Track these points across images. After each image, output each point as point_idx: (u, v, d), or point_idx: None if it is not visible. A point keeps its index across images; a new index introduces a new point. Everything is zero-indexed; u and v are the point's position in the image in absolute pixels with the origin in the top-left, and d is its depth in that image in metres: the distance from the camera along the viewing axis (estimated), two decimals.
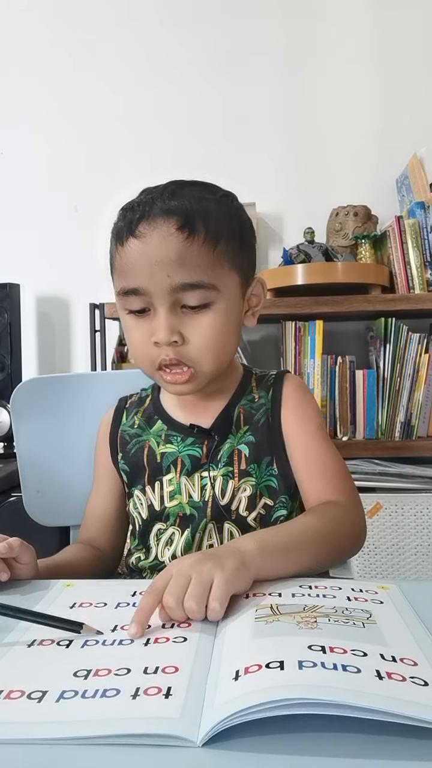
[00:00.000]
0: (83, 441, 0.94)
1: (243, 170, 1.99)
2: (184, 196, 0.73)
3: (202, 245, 0.72)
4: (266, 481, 0.81)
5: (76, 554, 0.83)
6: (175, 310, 0.73)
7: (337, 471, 0.79)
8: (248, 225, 0.81)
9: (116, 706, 0.41)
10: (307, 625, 0.49)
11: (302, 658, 0.43)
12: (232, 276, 0.76)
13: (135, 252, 0.72)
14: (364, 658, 0.44)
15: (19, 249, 2.10)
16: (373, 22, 1.98)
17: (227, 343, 0.78)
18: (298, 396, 0.84)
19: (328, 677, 0.41)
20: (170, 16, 2.03)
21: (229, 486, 0.80)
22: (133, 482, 0.85)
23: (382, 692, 0.40)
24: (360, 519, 0.76)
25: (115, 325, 1.99)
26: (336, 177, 2.00)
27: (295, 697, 0.39)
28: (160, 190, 0.75)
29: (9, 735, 0.39)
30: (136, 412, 0.88)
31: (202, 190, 0.77)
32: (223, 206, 0.76)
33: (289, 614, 0.52)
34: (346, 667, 0.42)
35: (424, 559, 1.65)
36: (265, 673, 0.42)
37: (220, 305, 0.74)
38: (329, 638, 0.47)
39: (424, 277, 1.75)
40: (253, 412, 0.83)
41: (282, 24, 2.00)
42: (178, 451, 0.82)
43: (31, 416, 1.01)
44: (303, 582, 0.61)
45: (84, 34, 2.07)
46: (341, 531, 0.72)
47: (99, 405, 0.93)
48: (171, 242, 0.71)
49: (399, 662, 0.44)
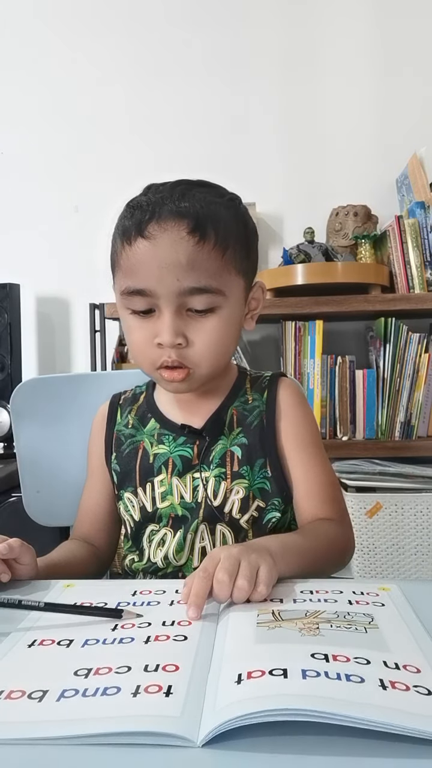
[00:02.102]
0: (83, 441, 0.94)
1: (243, 170, 1.99)
2: (194, 198, 0.73)
3: (212, 250, 0.72)
4: (259, 483, 0.81)
5: (73, 551, 0.83)
6: (180, 312, 0.73)
7: (332, 491, 0.82)
8: (253, 229, 0.81)
9: (117, 704, 0.41)
10: (310, 632, 0.49)
11: (306, 667, 0.43)
12: (237, 281, 0.76)
13: (144, 253, 0.72)
14: (368, 666, 0.44)
15: (19, 249, 2.10)
16: (372, 22, 1.98)
17: (228, 347, 0.78)
18: (297, 406, 0.84)
19: (331, 688, 0.40)
20: (171, 16, 2.03)
21: (222, 487, 0.80)
22: (123, 484, 0.85)
23: (386, 704, 0.39)
24: (350, 535, 0.81)
25: (115, 325, 1.99)
26: (336, 177, 2.00)
27: (298, 708, 0.38)
28: (168, 189, 0.75)
29: (9, 735, 0.39)
30: (130, 410, 0.88)
31: (211, 192, 0.77)
32: (231, 211, 0.76)
33: (290, 620, 0.52)
34: (350, 676, 0.42)
35: (424, 559, 1.65)
36: (268, 679, 0.42)
37: (225, 310, 0.74)
38: (332, 646, 0.46)
39: (424, 276, 1.75)
40: (246, 414, 0.83)
41: (282, 25, 2.00)
42: (170, 451, 0.82)
43: (31, 416, 1.01)
44: (304, 587, 0.61)
45: (84, 34, 2.07)
46: (336, 546, 0.77)
47: (99, 405, 0.93)
48: (182, 246, 0.70)
49: (402, 669, 0.44)
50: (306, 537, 0.74)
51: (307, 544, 0.71)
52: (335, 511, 0.80)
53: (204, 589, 0.56)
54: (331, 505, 0.80)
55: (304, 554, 0.68)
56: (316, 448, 0.83)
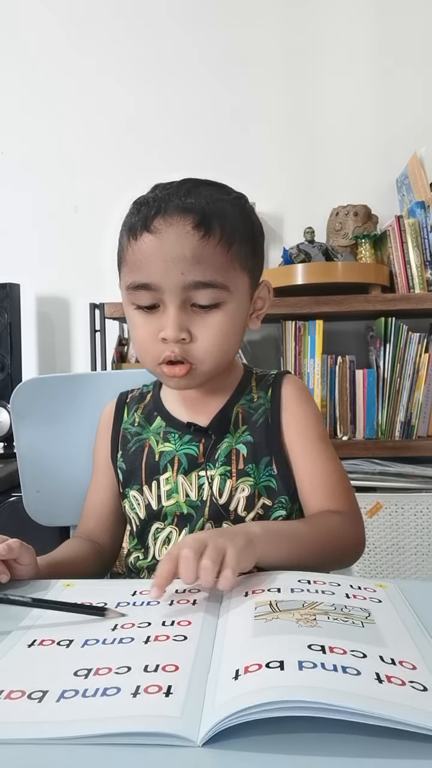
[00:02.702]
0: (83, 441, 0.94)
1: (243, 170, 1.99)
2: (201, 195, 0.74)
3: (217, 245, 0.72)
4: (265, 481, 0.80)
5: (76, 550, 0.83)
6: (185, 307, 0.73)
7: (339, 484, 0.80)
8: (259, 229, 0.81)
9: (117, 705, 0.41)
10: (307, 623, 0.49)
11: (302, 659, 0.43)
12: (243, 278, 0.76)
13: (149, 247, 0.72)
14: (364, 659, 0.44)
15: (19, 249, 2.10)
16: (373, 21, 1.98)
17: (232, 344, 0.78)
18: (300, 400, 0.84)
19: (328, 679, 0.41)
20: (171, 15, 2.03)
21: (227, 485, 0.80)
22: (129, 482, 0.85)
23: (382, 696, 0.39)
24: (360, 530, 0.78)
25: (115, 325, 1.99)
26: (336, 177, 2.00)
27: (295, 699, 0.39)
28: (175, 186, 0.75)
29: (9, 735, 0.39)
30: (137, 409, 0.88)
31: (217, 190, 0.77)
32: (237, 208, 0.77)
33: (288, 611, 0.52)
34: (346, 668, 0.42)
35: (424, 559, 1.65)
36: (265, 672, 0.42)
37: (230, 306, 0.75)
38: (329, 637, 0.46)
39: (424, 276, 1.75)
40: (251, 412, 0.83)
41: (282, 24, 2.00)
42: (176, 449, 0.82)
43: (31, 416, 1.01)
44: (302, 577, 0.61)
45: (84, 34, 2.07)
46: (341, 537, 0.74)
47: (99, 405, 0.93)
48: (187, 240, 0.71)
49: (398, 665, 0.44)
50: (305, 524, 0.73)
51: (303, 530, 0.70)
52: (343, 503, 0.78)
53: (168, 570, 0.57)
54: (339, 497, 0.78)
55: (295, 539, 0.67)
56: (322, 442, 0.82)
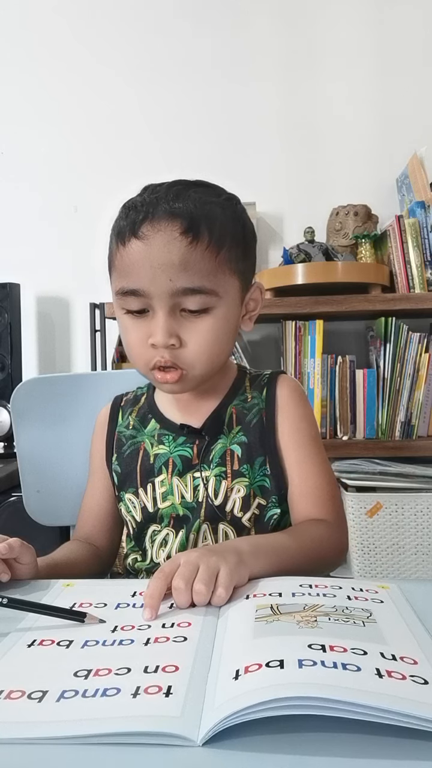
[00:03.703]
0: (83, 441, 0.94)
1: (243, 170, 1.99)
2: (189, 198, 0.73)
3: (206, 250, 0.71)
4: (259, 481, 0.80)
5: (75, 552, 0.83)
6: (174, 313, 0.73)
7: (327, 491, 0.81)
8: (251, 230, 0.81)
9: (117, 705, 0.41)
10: (308, 624, 0.49)
11: (302, 657, 0.43)
12: (233, 282, 0.76)
13: (137, 253, 0.72)
14: (364, 656, 0.44)
15: (19, 249, 2.10)
16: (372, 22, 1.98)
17: (223, 348, 0.78)
18: (295, 402, 0.83)
19: (327, 675, 0.41)
20: (171, 16, 2.03)
21: (222, 486, 0.80)
22: (124, 485, 0.85)
23: (382, 690, 0.40)
24: (343, 537, 0.80)
25: (116, 324, 1.98)
26: (336, 177, 2.00)
27: (295, 696, 0.39)
28: (164, 190, 0.74)
29: (9, 735, 0.39)
30: (131, 412, 0.88)
31: (207, 192, 0.76)
32: (227, 210, 0.76)
33: (289, 614, 0.52)
34: (346, 665, 0.42)
35: (424, 559, 1.65)
36: (265, 671, 0.42)
37: (220, 310, 0.74)
38: (329, 637, 0.47)
39: (424, 276, 1.75)
40: (245, 413, 0.83)
41: (282, 24, 2.00)
42: (170, 451, 0.82)
43: (31, 416, 1.01)
44: (303, 581, 0.61)
45: (84, 34, 2.07)
46: (324, 548, 0.75)
47: (99, 405, 0.93)
48: (174, 246, 0.70)
49: (399, 660, 0.44)
50: (289, 536, 0.73)
51: (287, 543, 0.70)
52: (329, 512, 0.79)
53: (159, 590, 0.57)
54: (325, 505, 0.79)
55: (282, 553, 0.67)
56: (315, 447, 0.82)
